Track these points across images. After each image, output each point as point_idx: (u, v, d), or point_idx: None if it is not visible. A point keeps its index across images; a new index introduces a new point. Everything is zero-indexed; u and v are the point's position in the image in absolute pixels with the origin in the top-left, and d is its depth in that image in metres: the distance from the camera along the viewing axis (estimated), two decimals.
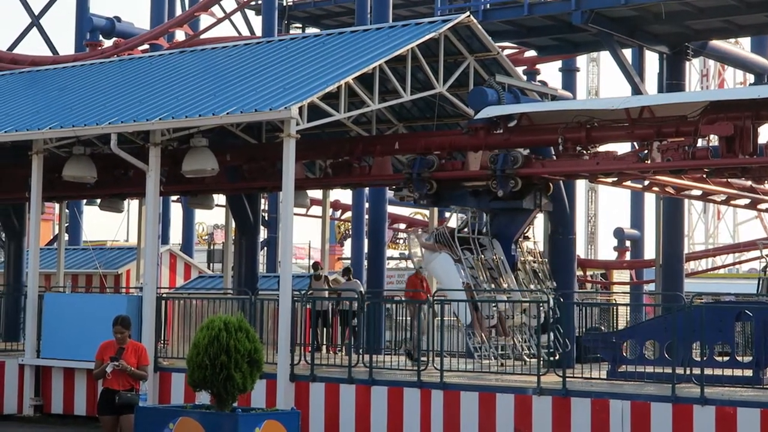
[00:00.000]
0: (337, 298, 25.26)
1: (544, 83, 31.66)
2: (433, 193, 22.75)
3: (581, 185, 57.87)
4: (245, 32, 44.65)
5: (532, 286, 22.63)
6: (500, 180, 21.78)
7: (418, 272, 24.34)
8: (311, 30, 42.87)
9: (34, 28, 43.61)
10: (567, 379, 18.38)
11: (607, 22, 28.57)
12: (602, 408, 17.76)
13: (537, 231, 23.46)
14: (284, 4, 42.11)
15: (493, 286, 22.08)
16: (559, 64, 42.00)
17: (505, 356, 21.54)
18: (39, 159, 23.58)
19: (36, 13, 43.47)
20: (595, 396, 17.94)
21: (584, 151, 21.63)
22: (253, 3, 41.99)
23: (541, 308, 20.59)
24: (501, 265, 22.45)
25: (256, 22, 43.43)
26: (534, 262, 23.15)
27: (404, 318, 23.91)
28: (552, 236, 23.68)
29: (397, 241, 59.35)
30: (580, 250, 55.37)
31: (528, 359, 21.23)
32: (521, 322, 22.03)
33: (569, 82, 41.29)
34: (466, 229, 22.71)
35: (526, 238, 23.39)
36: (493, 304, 21.41)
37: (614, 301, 33.23)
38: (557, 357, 20.00)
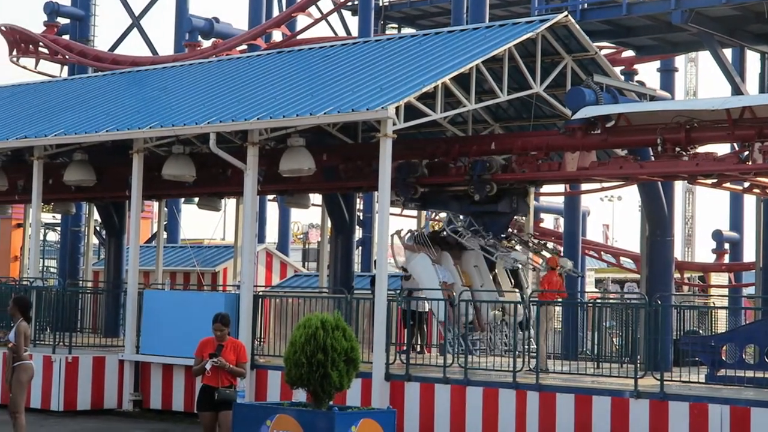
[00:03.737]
0: (427, 298, 25.24)
1: (642, 83, 31.28)
2: (418, 197, 23.90)
3: (678, 186, 57.10)
4: (341, 33, 44.82)
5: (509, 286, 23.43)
6: (477, 185, 22.77)
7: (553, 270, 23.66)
8: (407, 30, 42.88)
9: (135, 29, 44.28)
10: (664, 382, 18.18)
11: (707, 21, 28.14)
12: (700, 412, 17.52)
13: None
14: (380, 4, 42.18)
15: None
16: (657, 64, 41.44)
17: (480, 351, 22.16)
18: (139, 158, 23.97)
19: (136, 15, 44.13)
20: (693, 400, 17.71)
21: (683, 152, 21.36)
22: (349, 3, 42.15)
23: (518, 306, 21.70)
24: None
25: (353, 22, 43.64)
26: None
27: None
28: (650, 238, 23.46)
29: None
30: (678, 253, 54.62)
31: (504, 355, 21.94)
32: (501, 319, 22.77)
33: (668, 83, 40.68)
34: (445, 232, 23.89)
35: (508, 240, 23.99)
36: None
37: (712, 304, 32.73)
38: (535, 354, 20.01)
